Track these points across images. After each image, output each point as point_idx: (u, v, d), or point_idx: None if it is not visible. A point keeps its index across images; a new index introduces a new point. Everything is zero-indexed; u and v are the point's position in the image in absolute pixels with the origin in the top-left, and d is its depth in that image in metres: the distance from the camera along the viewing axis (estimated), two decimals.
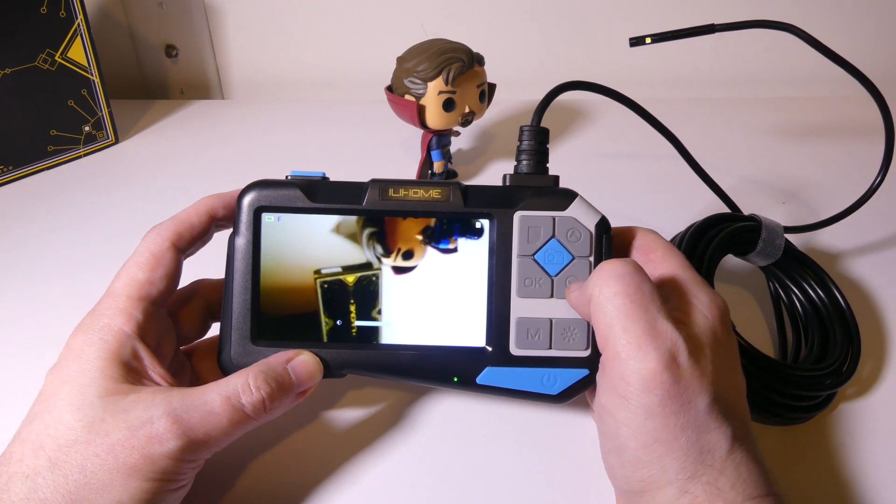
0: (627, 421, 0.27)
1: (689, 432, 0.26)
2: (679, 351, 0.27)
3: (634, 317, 0.27)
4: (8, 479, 0.26)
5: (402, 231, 0.33)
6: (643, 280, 0.28)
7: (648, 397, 0.26)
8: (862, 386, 0.39)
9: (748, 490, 0.26)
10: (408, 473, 0.34)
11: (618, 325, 0.28)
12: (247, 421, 0.29)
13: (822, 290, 0.40)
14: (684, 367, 0.27)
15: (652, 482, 0.27)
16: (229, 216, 0.34)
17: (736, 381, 0.29)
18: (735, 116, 0.73)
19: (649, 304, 0.28)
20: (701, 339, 0.28)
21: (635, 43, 0.42)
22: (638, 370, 0.27)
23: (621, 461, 0.28)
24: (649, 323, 0.27)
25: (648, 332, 0.27)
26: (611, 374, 0.28)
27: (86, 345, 0.29)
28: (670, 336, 0.27)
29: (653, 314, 0.27)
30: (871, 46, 0.80)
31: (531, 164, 0.34)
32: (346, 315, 0.33)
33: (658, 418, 0.26)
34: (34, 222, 0.56)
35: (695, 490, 0.26)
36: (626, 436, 0.27)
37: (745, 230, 0.41)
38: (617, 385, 0.27)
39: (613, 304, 0.28)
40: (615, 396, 0.27)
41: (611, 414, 0.28)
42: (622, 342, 0.27)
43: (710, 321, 0.29)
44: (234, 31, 0.83)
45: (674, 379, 0.26)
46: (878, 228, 0.52)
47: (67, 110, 0.65)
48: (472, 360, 0.33)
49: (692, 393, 0.27)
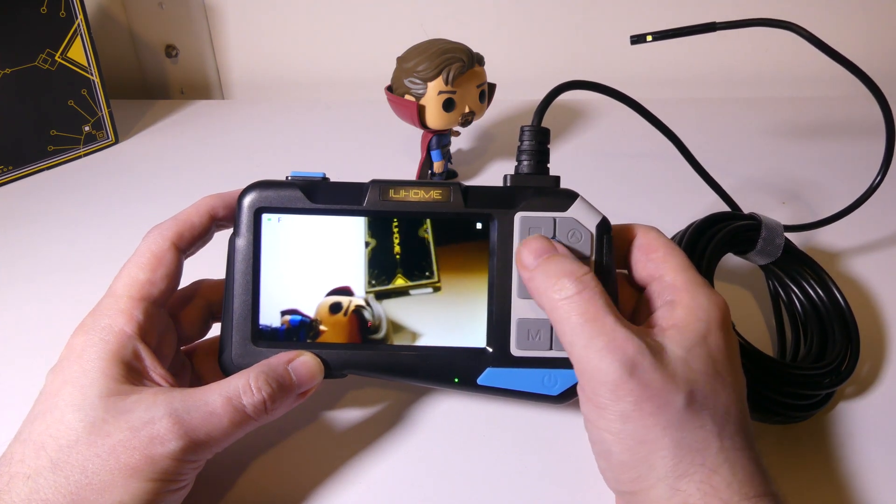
0: (607, 427, 0.27)
1: (671, 432, 0.26)
2: (641, 357, 0.27)
3: (591, 333, 0.28)
4: (9, 480, 0.26)
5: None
6: (593, 296, 0.28)
7: (621, 404, 0.27)
8: (861, 385, 0.39)
9: (744, 489, 0.26)
10: (408, 474, 0.34)
11: (578, 343, 0.28)
12: (248, 422, 0.29)
13: (821, 289, 0.40)
14: (650, 372, 0.27)
15: (641, 482, 0.27)
16: (230, 216, 0.34)
17: (731, 381, 0.29)
18: (734, 116, 0.73)
19: (604, 319, 0.28)
20: (678, 342, 0.28)
21: (636, 41, 0.43)
22: (605, 382, 0.27)
23: (609, 464, 0.28)
24: (607, 336, 0.27)
25: (607, 346, 0.27)
26: (585, 388, 0.28)
27: (87, 345, 0.29)
28: (630, 345, 0.27)
29: (609, 326, 0.28)
30: (871, 45, 0.80)
31: (532, 165, 0.34)
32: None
33: (636, 421, 0.27)
34: (34, 222, 0.56)
35: (687, 489, 0.26)
36: (610, 441, 0.27)
37: (744, 229, 0.41)
38: (591, 397, 0.28)
39: (569, 325, 0.28)
40: (593, 407, 0.28)
41: (591, 422, 0.28)
42: (585, 359, 0.28)
43: (705, 323, 0.29)
44: (234, 31, 0.83)
45: (641, 385, 0.27)
46: (879, 227, 0.52)
47: (67, 110, 0.65)
48: (472, 361, 0.33)
49: (667, 394, 0.27)
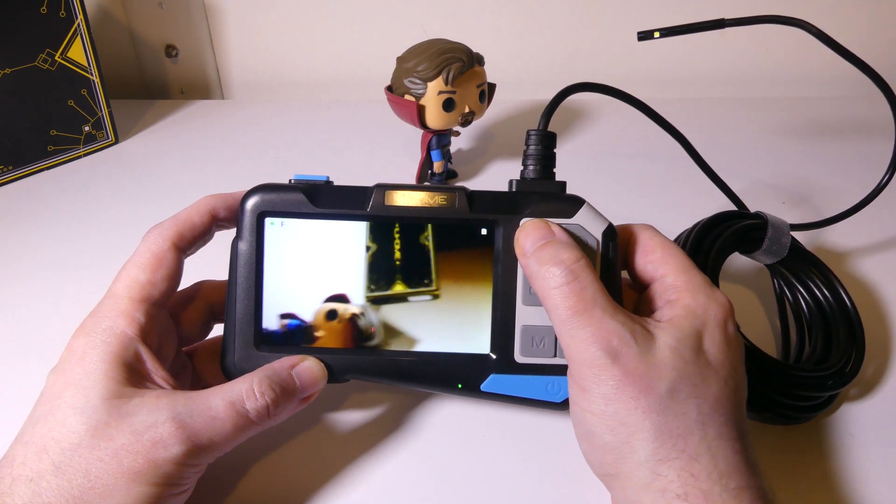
0: (590, 408, 0.28)
1: (652, 416, 0.27)
2: (624, 346, 0.28)
3: (577, 324, 0.28)
4: (12, 482, 0.26)
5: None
6: (583, 287, 0.29)
7: (603, 387, 0.27)
8: (865, 387, 0.39)
9: (725, 480, 0.26)
10: (409, 477, 0.34)
11: (565, 332, 0.29)
12: (251, 426, 0.29)
13: (827, 289, 0.40)
14: (634, 360, 0.27)
15: (623, 463, 0.27)
16: (230, 216, 0.34)
17: (725, 376, 0.29)
18: (734, 116, 0.73)
19: (592, 310, 0.28)
20: (670, 333, 0.29)
21: (643, 37, 0.42)
22: (590, 366, 0.28)
23: (592, 446, 0.29)
24: (594, 326, 0.28)
25: (593, 336, 0.28)
26: (572, 371, 0.29)
27: (88, 347, 0.29)
28: (615, 334, 0.28)
29: (597, 317, 0.28)
30: (879, 42, 0.79)
31: (537, 170, 0.34)
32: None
33: (617, 402, 0.27)
34: (34, 222, 0.56)
35: (668, 474, 0.26)
36: (592, 421, 0.28)
37: (751, 228, 0.41)
38: (577, 379, 0.29)
39: (558, 315, 0.29)
40: (577, 389, 0.29)
41: (576, 402, 0.29)
42: (572, 347, 0.29)
43: (701, 320, 0.29)
44: (234, 31, 0.82)
45: (624, 370, 0.27)
46: (886, 227, 0.52)
47: (67, 110, 0.65)
48: (476, 367, 0.32)
49: (650, 379, 0.27)
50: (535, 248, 0.31)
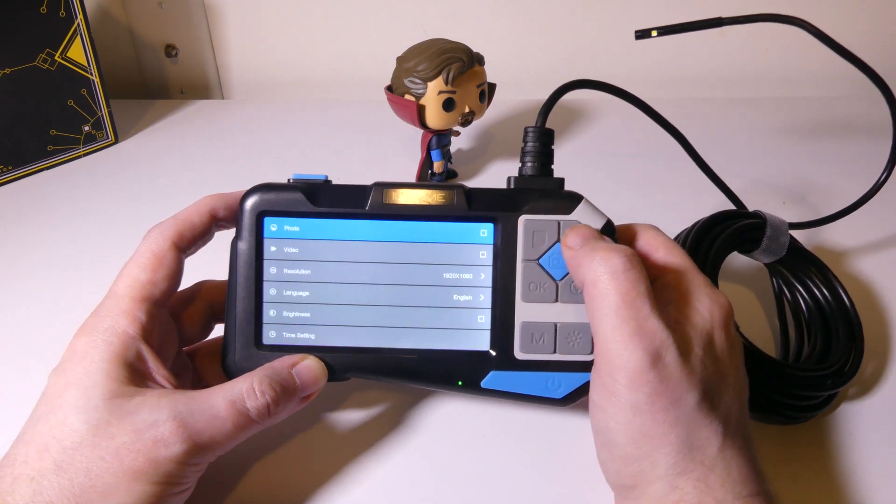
0: (616, 416, 0.27)
1: (678, 429, 0.26)
2: (666, 350, 0.27)
3: (625, 316, 0.27)
4: (13, 481, 0.26)
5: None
6: (638, 278, 0.28)
7: (635, 394, 0.27)
8: (864, 386, 0.39)
9: (737, 488, 0.26)
10: (410, 475, 0.34)
11: (607, 323, 0.28)
12: (251, 425, 0.29)
13: (826, 288, 0.40)
14: (671, 366, 0.27)
15: (642, 477, 0.27)
16: (230, 216, 0.34)
17: (732, 382, 0.29)
18: (739, 115, 0.73)
19: (641, 304, 0.28)
20: (693, 339, 0.28)
21: (641, 35, 0.42)
22: (625, 368, 0.27)
23: (611, 455, 0.28)
24: (639, 322, 0.27)
25: (637, 332, 0.27)
26: (601, 370, 0.28)
27: (90, 347, 0.29)
28: (658, 335, 0.27)
29: (644, 313, 0.27)
30: (878, 42, 0.79)
31: (536, 167, 0.34)
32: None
33: (646, 414, 0.27)
34: (34, 222, 0.56)
35: (685, 486, 0.26)
36: (615, 431, 0.27)
37: (749, 227, 0.41)
38: (606, 381, 0.28)
39: (606, 302, 0.28)
40: (605, 392, 0.28)
41: (601, 409, 0.28)
42: (611, 340, 0.27)
43: (709, 322, 0.29)
44: (234, 31, 0.83)
45: (660, 377, 0.26)
46: (884, 226, 0.52)
47: (67, 110, 0.65)
48: (476, 365, 0.33)
49: (681, 391, 0.27)
50: (586, 242, 0.30)
